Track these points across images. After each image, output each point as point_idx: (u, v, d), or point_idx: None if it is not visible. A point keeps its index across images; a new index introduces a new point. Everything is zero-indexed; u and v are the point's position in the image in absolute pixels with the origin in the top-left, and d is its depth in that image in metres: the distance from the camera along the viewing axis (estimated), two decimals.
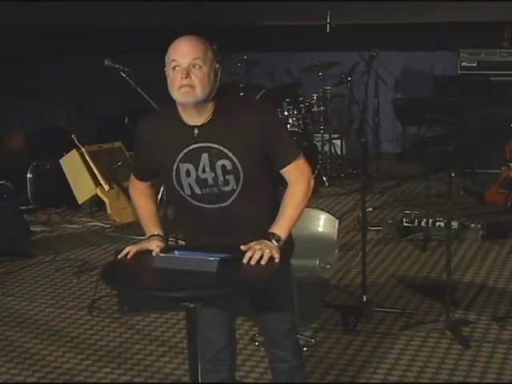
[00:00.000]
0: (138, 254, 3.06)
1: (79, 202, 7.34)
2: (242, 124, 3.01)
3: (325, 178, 8.14)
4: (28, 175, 7.45)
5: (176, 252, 3.02)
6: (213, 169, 3.03)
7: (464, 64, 8.56)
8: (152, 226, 3.22)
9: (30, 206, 7.40)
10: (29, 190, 7.44)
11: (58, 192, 7.44)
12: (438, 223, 6.34)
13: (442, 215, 6.47)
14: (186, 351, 4.20)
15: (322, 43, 8.52)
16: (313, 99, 8.30)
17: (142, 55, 8.54)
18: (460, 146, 4.74)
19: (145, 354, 4.56)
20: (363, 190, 5.12)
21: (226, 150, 3.01)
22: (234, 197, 3.09)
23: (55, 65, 9.72)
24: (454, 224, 6.19)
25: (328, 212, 4.88)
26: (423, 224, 6.36)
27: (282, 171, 3.13)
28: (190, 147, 3.03)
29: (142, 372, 4.36)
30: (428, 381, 4.20)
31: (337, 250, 4.74)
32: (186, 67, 2.93)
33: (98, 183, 7.14)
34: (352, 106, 8.92)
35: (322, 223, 4.66)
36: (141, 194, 3.31)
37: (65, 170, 7.32)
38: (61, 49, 9.42)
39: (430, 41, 8.83)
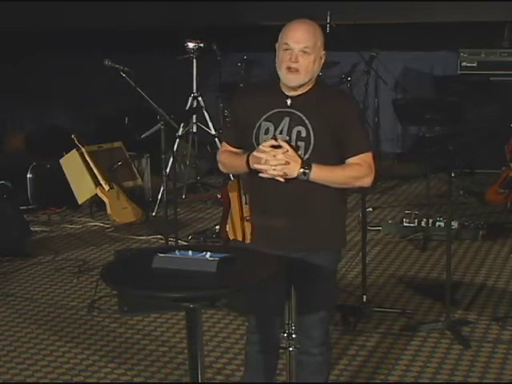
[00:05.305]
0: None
1: (79, 202, 7.34)
2: (328, 104, 3.25)
3: None
4: (28, 175, 7.44)
5: (176, 252, 3.02)
6: (289, 133, 3.24)
7: (464, 64, 8.54)
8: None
9: (30, 206, 7.38)
10: (29, 190, 7.43)
11: (58, 192, 7.42)
12: (437, 223, 6.34)
13: (441, 215, 6.47)
14: (186, 351, 4.20)
15: None
16: None
17: (142, 55, 8.55)
18: (460, 145, 4.74)
19: (145, 354, 4.56)
20: (363, 190, 5.11)
21: (304, 118, 3.23)
22: None
23: (55, 65, 9.72)
24: (454, 224, 6.18)
25: None
26: (423, 224, 6.36)
27: (347, 161, 3.29)
28: (277, 109, 3.26)
29: (142, 372, 4.36)
30: (428, 381, 4.20)
31: None
32: (296, 53, 3.19)
33: (97, 183, 7.14)
34: None
35: None
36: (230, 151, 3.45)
37: (65, 170, 7.32)
38: (61, 48, 9.42)
39: (430, 41, 8.81)
